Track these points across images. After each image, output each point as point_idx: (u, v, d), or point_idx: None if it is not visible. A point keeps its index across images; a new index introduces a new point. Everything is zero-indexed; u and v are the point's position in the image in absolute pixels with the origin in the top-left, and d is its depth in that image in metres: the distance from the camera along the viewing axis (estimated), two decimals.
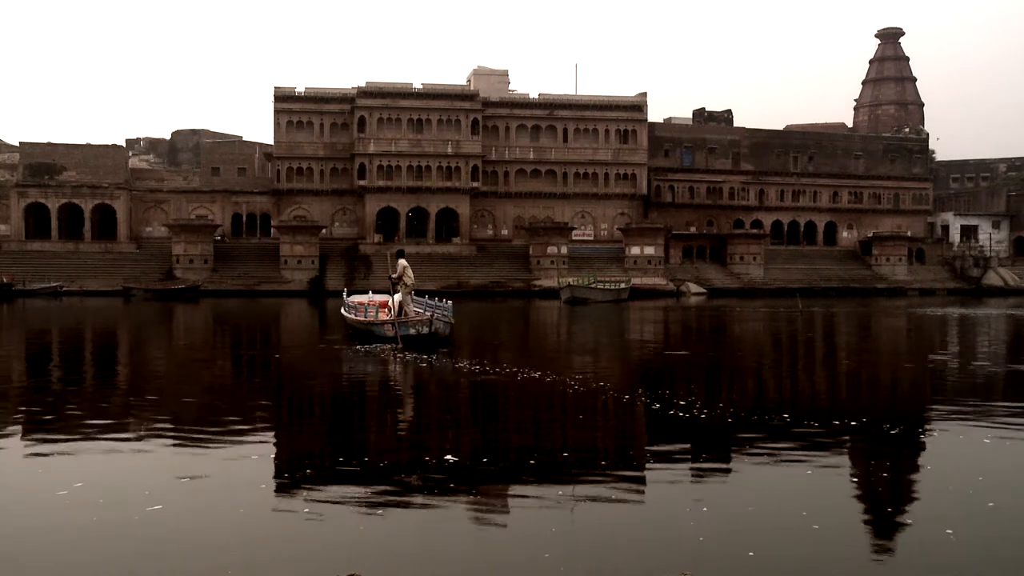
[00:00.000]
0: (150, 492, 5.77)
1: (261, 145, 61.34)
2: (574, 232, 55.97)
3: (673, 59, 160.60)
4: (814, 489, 6.01)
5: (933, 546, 4.80)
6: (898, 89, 74.78)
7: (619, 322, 26.72)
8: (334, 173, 56.69)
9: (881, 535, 5.04)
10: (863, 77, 77.35)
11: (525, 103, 58.72)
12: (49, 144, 56.10)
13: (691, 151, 62.12)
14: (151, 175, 60.58)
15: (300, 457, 7.17)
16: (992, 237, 65.59)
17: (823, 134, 66.96)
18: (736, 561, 4.51)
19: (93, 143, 57.63)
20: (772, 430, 8.09)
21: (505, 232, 58.39)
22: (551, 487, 5.97)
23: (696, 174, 61.68)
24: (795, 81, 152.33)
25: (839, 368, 14.45)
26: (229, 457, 7.05)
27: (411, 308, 17.10)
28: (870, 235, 61.70)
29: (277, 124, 55.83)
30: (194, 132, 73.67)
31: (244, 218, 56.82)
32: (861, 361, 15.63)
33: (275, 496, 5.90)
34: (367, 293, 25.10)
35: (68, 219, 53.54)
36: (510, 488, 6.00)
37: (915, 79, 75.39)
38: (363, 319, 18.01)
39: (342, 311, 20.62)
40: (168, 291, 45.97)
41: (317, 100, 56.12)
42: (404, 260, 17.15)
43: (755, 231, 59.26)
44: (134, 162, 62.71)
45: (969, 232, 66.38)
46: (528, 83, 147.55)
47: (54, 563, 4.55)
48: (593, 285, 42.90)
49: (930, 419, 9.15)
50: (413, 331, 15.95)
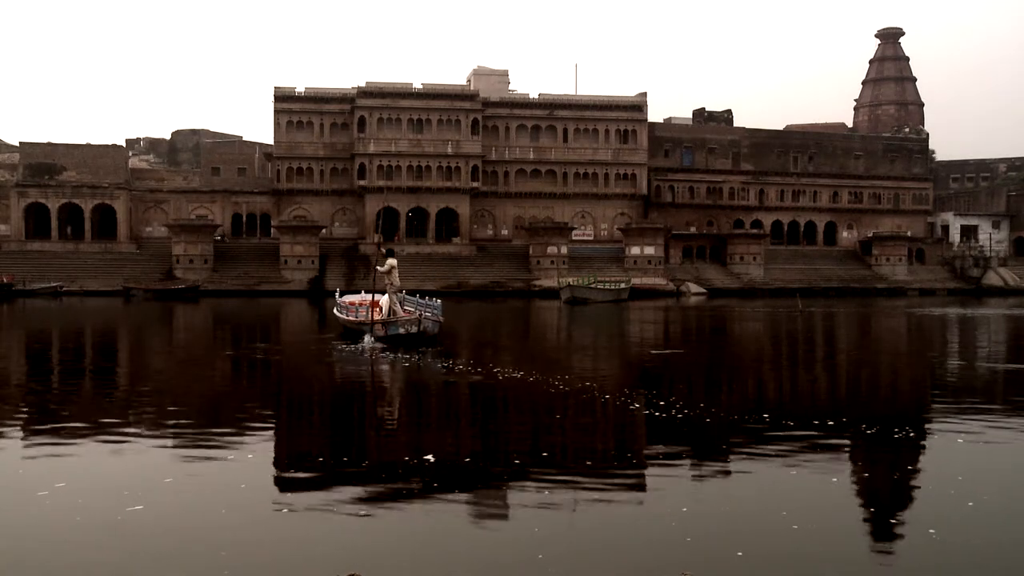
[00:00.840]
0: (129, 492, 5.74)
1: (261, 145, 61.35)
2: (574, 232, 55.98)
3: (673, 59, 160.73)
4: (813, 489, 6.02)
5: (919, 547, 4.81)
6: (898, 89, 74.78)
7: (618, 322, 26.72)
8: (334, 173, 56.69)
9: (882, 537, 5.04)
10: (863, 77, 77.37)
11: (525, 103, 58.72)
12: (49, 144, 56.11)
13: (691, 151, 62.13)
14: (151, 175, 60.60)
15: (292, 456, 7.17)
16: (992, 237, 65.60)
17: (823, 134, 66.96)
18: (736, 561, 4.52)
19: (93, 143, 57.68)
20: (768, 430, 8.08)
21: (505, 232, 58.40)
22: (550, 487, 5.97)
23: (696, 174, 61.68)
24: (795, 81, 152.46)
25: (838, 369, 14.45)
26: (224, 457, 7.04)
27: (399, 308, 17.42)
28: (870, 235, 61.71)
29: (277, 124, 55.84)
30: (194, 132, 73.67)
31: (244, 218, 56.82)
32: (858, 361, 15.63)
33: (274, 496, 5.90)
34: (359, 293, 25.28)
35: (68, 219, 53.55)
36: (510, 488, 5.99)
37: (915, 79, 75.40)
38: (353, 318, 18.44)
39: (334, 311, 21.00)
40: (168, 291, 45.97)
41: (317, 100, 56.13)
42: (393, 260, 17.38)
43: (755, 231, 59.27)
44: (134, 162, 62.72)
45: (969, 232, 66.38)
46: (528, 83, 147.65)
47: (30, 564, 4.53)
48: (593, 285, 42.90)
49: (926, 420, 9.16)
50: (402, 330, 16.26)
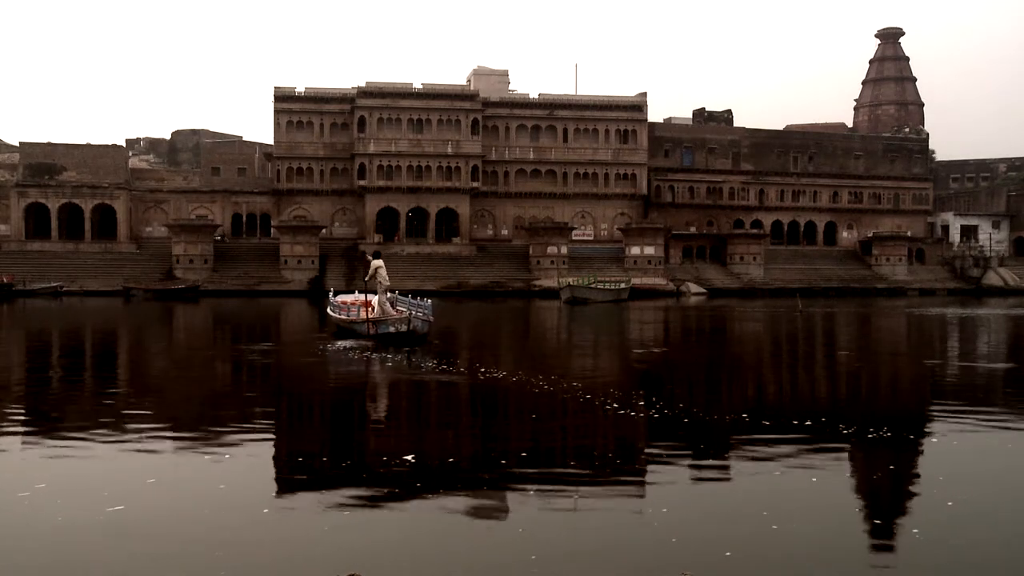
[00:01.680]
0: (110, 493, 5.72)
1: (261, 145, 61.35)
2: (574, 232, 55.98)
3: (673, 59, 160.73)
4: (809, 490, 6.02)
5: (906, 547, 4.84)
6: (898, 89, 74.78)
7: (617, 323, 26.72)
8: (334, 173, 56.70)
9: (870, 537, 5.05)
10: (863, 77, 77.38)
11: (525, 103, 58.73)
12: (49, 144, 56.12)
13: (691, 151, 62.13)
14: (151, 175, 60.60)
15: (288, 456, 7.18)
16: (992, 237, 65.60)
17: (823, 134, 66.96)
18: (734, 561, 4.52)
19: (93, 143, 57.68)
20: (761, 431, 8.09)
21: (505, 232, 58.40)
22: (550, 487, 5.98)
23: (696, 174, 61.68)
24: (795, 81, 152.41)
25: (838, 369, 14.46)
26: (219, 456, 7.04)
27: (389, 307, 17.73)
28: (870, 235, 61.71)
29: (277, 124, 55.84)
30: (194, 132, 73.68)
31: (244, 218, 56.82)
32: (857, 361, 15.63)
33: (273, 496, 5.91)
34: (353, 293, 25.47)
35: (68, 219, 53.54)
36: (509, 488, 6.00)
37: (915, 79, 75.41)
38: (345, 317, 18.82)
39: (328, 310, 21.32)
40: (168, 291, 45.98)
41: (317, 100, 56.14)
42: (379, 260, 17.64)
43: (755, 231, 59.27)
44: (134, 162, 62.72)
45: (969, 232, 66.39)
46: (528, 83, 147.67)
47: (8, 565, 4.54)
48: (593, 285, 42.90)
49: (920, 421, 9.18)
50: (392, 329, 16.51)
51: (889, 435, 7.72)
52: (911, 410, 10.18)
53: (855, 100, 78.39)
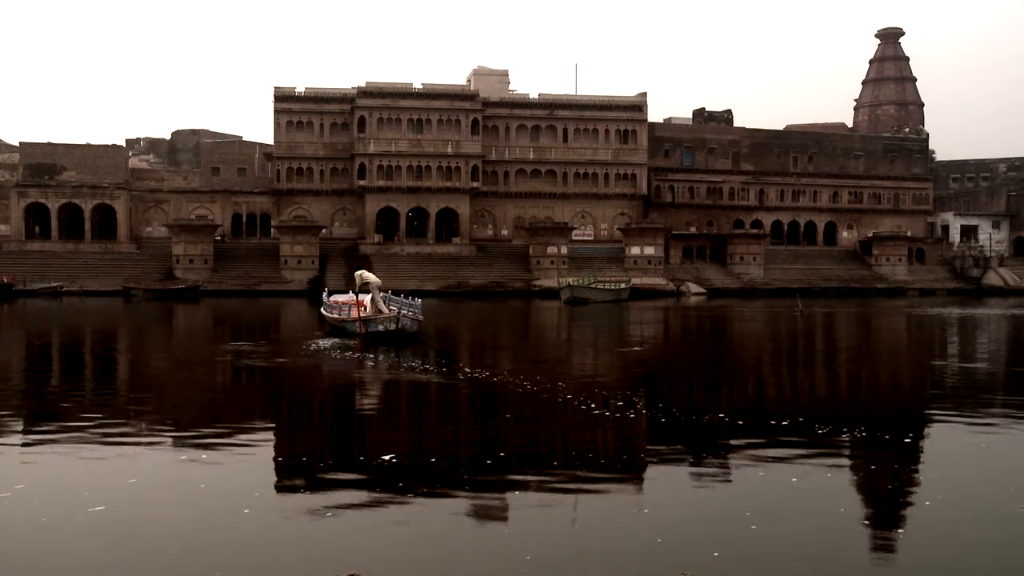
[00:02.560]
0: (90, 493, 5.72)
1: (261, 145, 61.31)
2: (574, 232, 55.95)
3: (673, 59, 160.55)
4: (807, 490, 6.02)
5: (904, 548, 4.83)
6: (898, 89, 74.75)
7: (617, 323, 26.69)
8: (334, 173, 56.67)
9: (887, 531, 5.05)
10: (863, 77, 77.33)
11: (525, 103, 58.71)
12: (49, 144, 56.09)
13: (691, 151, 62.10)
14: (151, 175, 60.56)
15: (286, 456, 7.18)
16: (992, 237, 65.58)
17: (823, 134, 66.92)
18: (734, 561, 4.52)
19: (93, 143, 57.62)
20: (752, 431, 8.08)
21: (505, 232, 58.37)
22: (550, 487, 5.98)
23: (696, 174, 61.65)
24: (795, 81, 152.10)
25: (838, 370, 14.45)
26: (197, 456, 7.04)
27: (381, 304, 18.17)
28: (870, 235, 61.68)
29: (277, 124, 55.82)
30: (194, 132, 73.64)
31: (244, 218, 56.80)
32: (856, 362, 15.63)
33: (273, 496, 5.91)
34: (348, 293, 25.60)
35: (68, 219, 53.51)
36: (509, 488, 6.00)
37: (915, 79, 75.37)
38: (337, 316, 19.35)
39: (322, 309, 21.71)
40: (168, 291, 45.97)
41: (317, 100, 56.11)
42: (364, 271, 18.51)
43: (755, 231, 59.24)
44: (134, 162, 62.70)
45: (969, 232, 66.35)
46: (528, 83, 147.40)
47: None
48: (593, 285, 42.90)
49: (916, 422, 9.18)
50: (381, 327, 16.87)
51: (887, 437, 7.72)
52: (909, 411, 10.18)
53: (855, 100, 78.38)
